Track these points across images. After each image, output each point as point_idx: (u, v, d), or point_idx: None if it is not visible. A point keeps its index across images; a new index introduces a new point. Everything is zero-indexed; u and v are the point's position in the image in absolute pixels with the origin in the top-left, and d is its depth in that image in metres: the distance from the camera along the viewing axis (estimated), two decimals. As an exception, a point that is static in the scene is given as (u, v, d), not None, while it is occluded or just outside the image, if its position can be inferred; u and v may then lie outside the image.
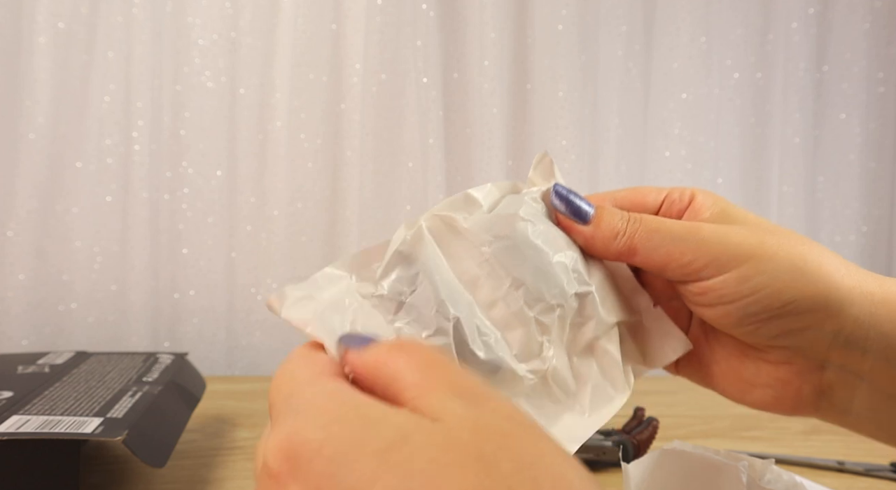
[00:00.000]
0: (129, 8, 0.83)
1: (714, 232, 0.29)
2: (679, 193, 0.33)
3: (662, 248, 0.29)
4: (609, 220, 0.30)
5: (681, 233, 0.29)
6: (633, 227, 0.30)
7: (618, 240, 0.30)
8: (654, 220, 0.30)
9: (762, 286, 0.28)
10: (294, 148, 0.87)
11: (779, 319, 0.29)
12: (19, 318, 0.82)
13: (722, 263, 0.28)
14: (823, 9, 0.96)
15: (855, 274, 0.29)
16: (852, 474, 0.54)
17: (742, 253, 0.28)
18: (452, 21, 0.90)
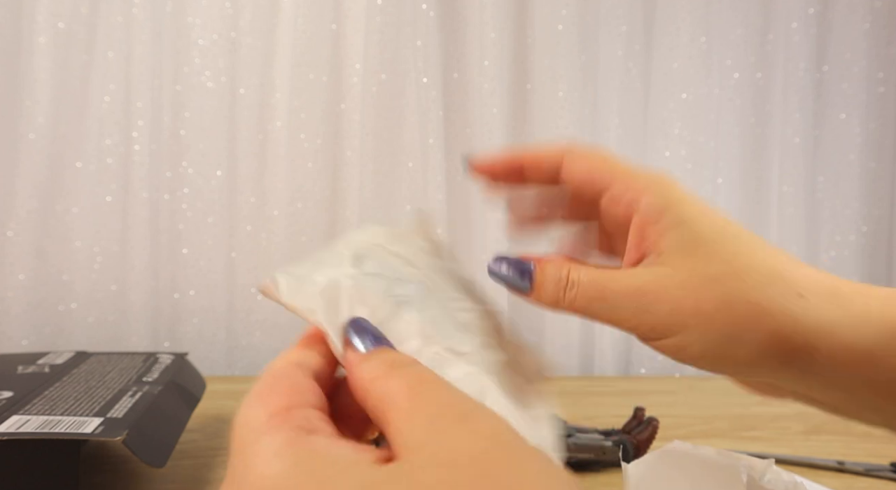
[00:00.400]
0: (129, 8, 0.83)
1: (649, 294, 0.28)
2: (622, 192, 0.30)
3: (602, 316, 0.29)
4: (546, 288, 0.29)
5: (617, 300, 0.28)
6: (570, 296, 0.29)
7: (560, 307, 0.29)
8: (590, 285, 0.29)
9: (700, 354, 0.28)
10: (294, 148, 0.87)
11: (732, 375, 0.29)
12: (19, 318, 0.82)
13: (659, 331, 0.28)
14: (823, 9, 0.96)
15: (819, 307, 0.27)
16: (852, 474, 0.54)
17: (676, 323, 0.27)
18: (452, 21, 0.90)
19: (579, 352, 0.92)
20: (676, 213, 0.29)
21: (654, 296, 0.28)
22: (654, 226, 0.29)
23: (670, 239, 0.29)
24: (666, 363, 0.93)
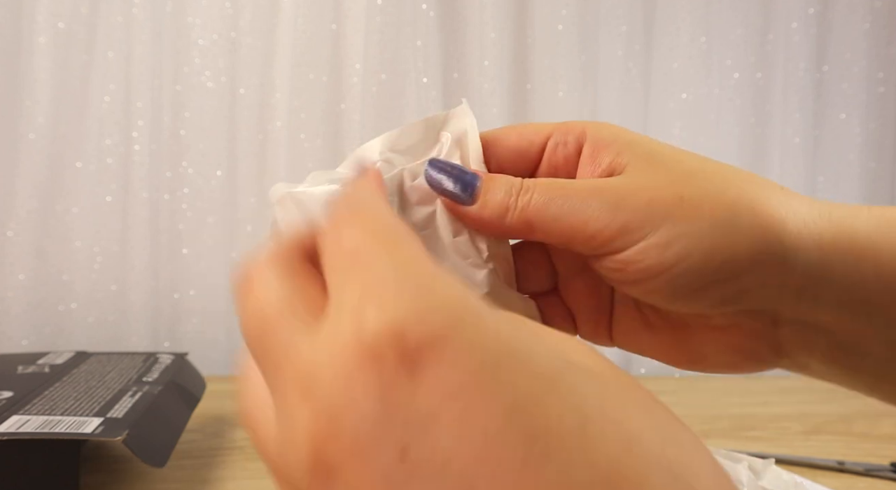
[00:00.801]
0: (129, 8, 0.83)
1: (619, 189, 0.24)
2: (564, 133, 0.27)
3: (562, 219, 0.24)
4: (495, 195, 0.25)
5: (580, 197, 0.24)
6: (524, 201, 0.25)
7: (509, 216, 0.25)
8: (549, 185, 0.25)
9: (687, 252, 0.23)
10: (294, 148, 0.87)
11: (715, 286, 0.24)
12: (19, 318, 0.82)
13: (634, 229, 0.23)
14: (823, 9, 0.96)
15: (799, 211, 0.25)
16: (852, 474, 0.54)
17: (656, 213, 0.23)
18: (452, 21, 0.90)
19: (579, 352, 0.92)
20: (629, 136, 0.27)
21: (626, 190, 0.24)
22: (607, 149, 0.26)
23: (628, 155, 0.26)
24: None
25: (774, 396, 0.77)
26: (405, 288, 0.15)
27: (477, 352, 0.14)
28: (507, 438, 0.13)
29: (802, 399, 0.76)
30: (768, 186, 0.26)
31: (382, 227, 0.17)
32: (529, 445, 0.13)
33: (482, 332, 0.14)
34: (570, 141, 0.27)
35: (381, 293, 0.15)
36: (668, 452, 0.14)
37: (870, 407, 0.73)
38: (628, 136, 0.26)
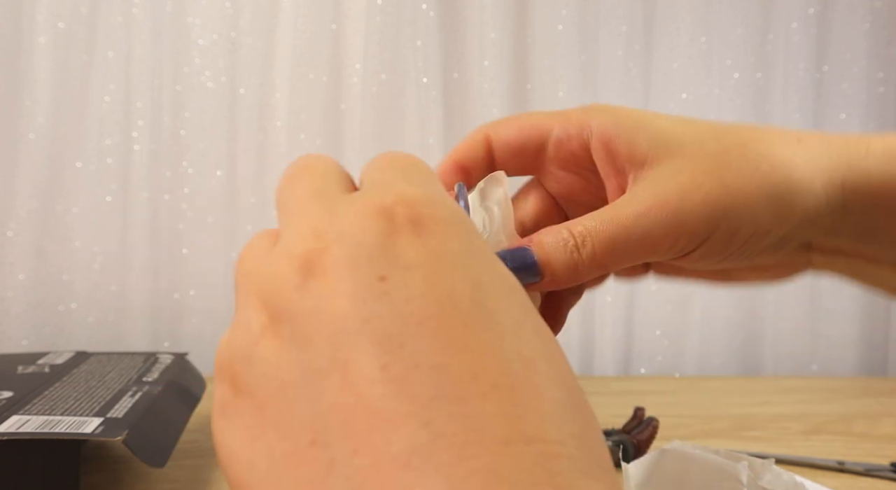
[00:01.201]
0: (129, 8, 0.83)
1: (669, 200, 0.26)
2: (566, 128, 0.28)
3: (630, 250, 0.26)
4: (558, 260, 0.26)
5: (638, 225, 0.26)
6: (587, 253, 0.26)
7: (581, 271, 0.26)
8: (602, 226, 0.26)
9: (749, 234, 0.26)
10: (294, 148, 0.87)
11: (765, 249, 0.28)
12: (19, 318, 0.82)
13: (700, 231, 0.26)
14: (823, 9, 0.96)
15: (821, 164, 0.27)
16: (852, 474, 0.54)
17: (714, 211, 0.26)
18: (452, 21, 0.90)
19: (579, 351, 0.92)
20: (632, 119, 0.27)
21: (675, 197, 0.25)
22: (616, 139, 0.27)
23: (642, 143, 0.27)
24: (666, 363, 0.93)
25: (774, 396, 0.77)
26: (423, 181, 0.19)
27: (466, 240, 0.18)
28: (465, 300, 0.16)
29: (802, 399, 0.76)
30: (787, 142, 0.27)
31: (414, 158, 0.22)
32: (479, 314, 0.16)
33: (473, 233, 0.18)
34: (573, 135, 0.28)
35: (406, 180, 0.19)
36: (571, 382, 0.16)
37: (870, 407, 0.73)
38: (632, 121, 0.27)
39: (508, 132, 0.29)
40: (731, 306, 0.94)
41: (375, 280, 0.16)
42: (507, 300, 0.17)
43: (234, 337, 0.18)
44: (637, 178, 0.27)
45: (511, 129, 0.29)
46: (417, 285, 0.16)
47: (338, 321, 0.16)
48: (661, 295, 0.92)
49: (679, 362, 0.93)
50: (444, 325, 0.15)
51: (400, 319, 0.16)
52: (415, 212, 0.17)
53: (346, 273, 0.16)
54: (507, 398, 0.15)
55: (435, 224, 0.17)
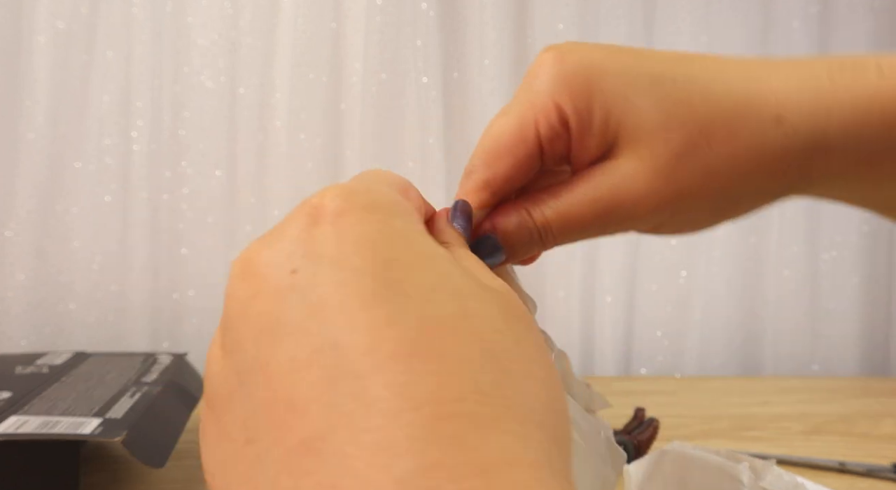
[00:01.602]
0: (129, 8, 0.83)
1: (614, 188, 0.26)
2: (547, 122, 0.26)
3: (592, 235, 0.27)
4: (521, 246, 0.27)
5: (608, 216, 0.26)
6: (550, 240, 0.27)
7: (540, 251, 0.27)
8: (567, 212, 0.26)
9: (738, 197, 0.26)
10: (294, 148, 0.87)
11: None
12: (19, 318, 0.82)
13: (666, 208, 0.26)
14: (824, 8, 0.96)
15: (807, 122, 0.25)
16: (853, 475, 0.54)
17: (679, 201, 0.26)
18: (452, 21, 0.90)
19: (579, 351, 0.92)
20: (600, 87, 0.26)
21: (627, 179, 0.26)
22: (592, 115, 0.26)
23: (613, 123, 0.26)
24: (666, 363, 0.93)
25: (774, 396, 0.77)
26: (365, 180, 0.21)
27: (382, 220, 0.18)
28: (365, 279, 0.17)
29: (802, 399, 0.76)
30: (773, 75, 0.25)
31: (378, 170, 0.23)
32: (378, 290, 0.16)
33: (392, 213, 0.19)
34: (555, 124, 0.26)
35: (349, 182, 0.21)
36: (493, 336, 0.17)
37: (871, 407, 0.73)
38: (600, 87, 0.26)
39: (502, 165, 0.27)
40: (731, 306, 0.94)
41: (288, 274, 0.17)
42: (418, 270, 0.17)
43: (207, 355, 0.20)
44: (606, 159, 0.26)
45: (502, 162, 0.27)
46: (324, 273, 0.17)
47: (257, 321, 0.17)
48: (661, 295, 0.92)
49: (679, 362, 0.93)
50: (345, 305, 0.16)
51: (306, 309, 0.16)
52: (335, 204, 0.19)
53: (266, 272, 0.18)
54: (402, 368, 0.15)
55: (351, 211, 0.18)
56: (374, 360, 0.15)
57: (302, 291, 0.17)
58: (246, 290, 0.18)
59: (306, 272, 0.17)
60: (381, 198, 0.20)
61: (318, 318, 0.16)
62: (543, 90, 0.27)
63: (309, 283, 0.17)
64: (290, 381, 0.15)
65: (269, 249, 0.18)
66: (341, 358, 0.15)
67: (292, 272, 0.17)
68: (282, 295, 0.17)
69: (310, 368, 0.15)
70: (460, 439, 0.14)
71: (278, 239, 0.18)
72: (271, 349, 0.16)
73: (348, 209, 0.18)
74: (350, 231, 0.18)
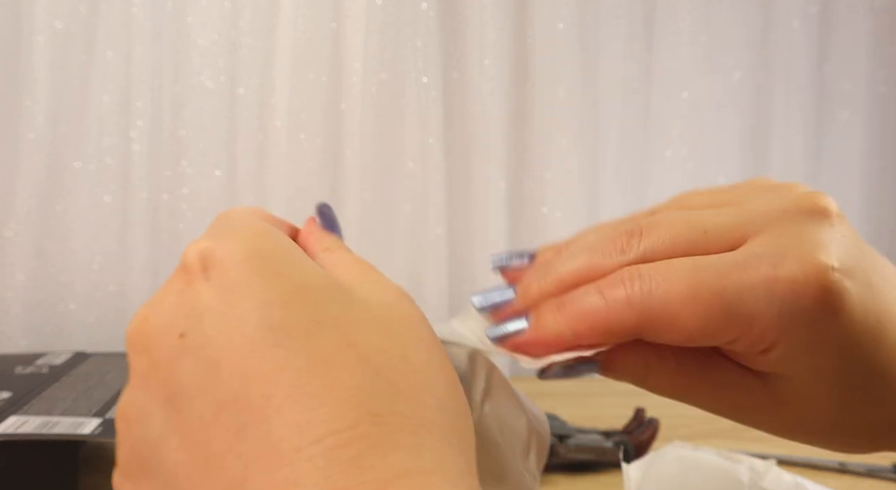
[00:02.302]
0: (129, 8, 0.83)
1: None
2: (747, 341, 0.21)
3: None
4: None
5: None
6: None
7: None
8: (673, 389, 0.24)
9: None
10: (294, 148, 0.87)
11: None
12: (19, 318, 0.82)
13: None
14: (824, 8, 0.96)
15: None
16: (854, 475, 0.54)
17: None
18: (452, 21, 0.90)
19: (580, 352, 0.92)
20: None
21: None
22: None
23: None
24: (666, 363, 0.93)
25: (775, 397, 0.77)
26: (227, 227, 0.21)
27: (253, 262, 0.19)
28: (249, 327, 0.17)
29: (803, 399, 0.75)
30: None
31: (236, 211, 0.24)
32: (264, 335, 0.17)
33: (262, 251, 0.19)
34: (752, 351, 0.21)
35: (209, 233, 0.21)
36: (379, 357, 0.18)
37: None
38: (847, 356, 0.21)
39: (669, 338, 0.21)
40: (731, 306, 0.94)
41: (177, 339, 0.18)
42: (295, 307, 0.18)
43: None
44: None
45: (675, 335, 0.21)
46: (209, 330, 0.18)
47: (160, 391, 0.18)
48: (661, 295, 0.92)
49: (679, 363, 0.92)
50: (237, 357, 0.17)
51: (202, 369, 0.17)
52: (202, 258, 0.19)
53: (157, 341, 0.18)
54: (299, 407, 0.16)
55: (219, 261, 0.19)
56: (274, 405, 0.16)
57: (193, 352, 0.18)
58: (142, 363, 0.19)
59: (193, 333, 0.18)
60: (241, 234, 0.20)
61: (214, 376, 0.17)
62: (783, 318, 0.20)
63: (198, 344, 0.18)
64: (204, 438, 0.17)
65: (154, 318, 0.19)
66: (244, 408, 0.16)
67: (180, 336, 0.18)
68: (176, 361, 0.18)
69: (217, 423, 0.16)
70: (359, 462, 0.15)
71: (160, 305, 0.19)
72: (178, 413, 0.17)
73: (215, 260, 0.19)
74: (224, 281, 0.18)
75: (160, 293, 0.20)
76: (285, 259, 0.20)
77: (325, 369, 0.17)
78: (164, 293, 0.20)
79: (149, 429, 0.18)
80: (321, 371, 0.17)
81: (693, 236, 0.21)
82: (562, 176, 0.91)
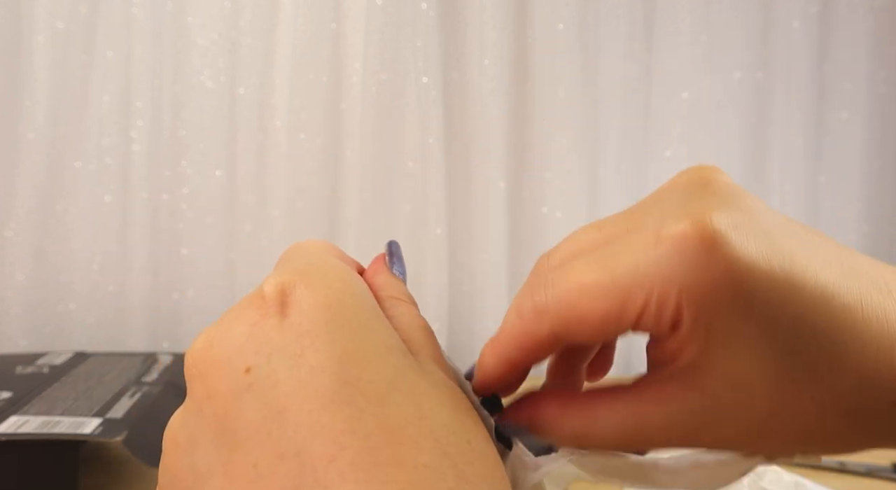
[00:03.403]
0: (129, 8, 0.83)
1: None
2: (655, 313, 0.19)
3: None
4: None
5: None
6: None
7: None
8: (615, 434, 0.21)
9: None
10: (294, 148, 0.87)
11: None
12: (19, 318, 0.82)
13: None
14: (824, 8, 0.96)
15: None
16: (853, 475, 0.54)
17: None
18: (452, 21, 0.90)
19: (579, 352, 0.92)
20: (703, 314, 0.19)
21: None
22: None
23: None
24: (666, 363, 0.93)
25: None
26: (308, 262, 0.20)
27: (335, 309, 0.18)
28: (324, 378, 0.16)
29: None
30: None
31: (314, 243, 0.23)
32: (339, 389, 0.16)
33: (345, 301, 0.18)
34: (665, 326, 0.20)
35: (289, 265, 0.20)
36: (448, 438, 0.17)
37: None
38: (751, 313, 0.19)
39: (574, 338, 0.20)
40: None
41: (242, 373, 0.17)
42: (374, 366, 0.17)
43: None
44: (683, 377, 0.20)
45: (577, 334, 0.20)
46: (280, 371, 0.17)
47: (215, 422, 0.17)
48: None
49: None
50: (305, 408, 0.16)
51: (265, 411, 0.16)
52: (283, 293, 0.18)
53: (219, 371, 0.17)
54: (364, 476, 0.15)
55: (300, 301, 0.18)
56: (338, 469, 0.15)
57: (259, 391, 0.17)
58: (200, 390, 0.18)
59: (261, 370, 0.17)
60: (325, 282, 0.19)
61: (278, 422, 0.16)
62: (674, 277, 0.19)
63: (265, 383, 0.17)
64: (255, 488, 0.16)
65: (220, 344, 0.18)
66: (305, 466, 0.15)
67: (246, 371, 0.17)
68: (237, 395, 0.17)
69: (274, 476, 0.15)
70: None
71: (228, 331, 0.18)
72: (231, 452, 0.16)
73: (294, 299, 0.18)
74: (301, 324, 0.17)
75: (229, 318, 0.18)
76: (368, 314, 0.19)
77: (396, 441, 0.16)
78: (233, 320, 0.18)
79: (196, 459, 0.17)
80: (392, 441, 0.16)
81: (591, 235, 0.22)
82: (562, 176, 0.91)
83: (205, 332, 0.19)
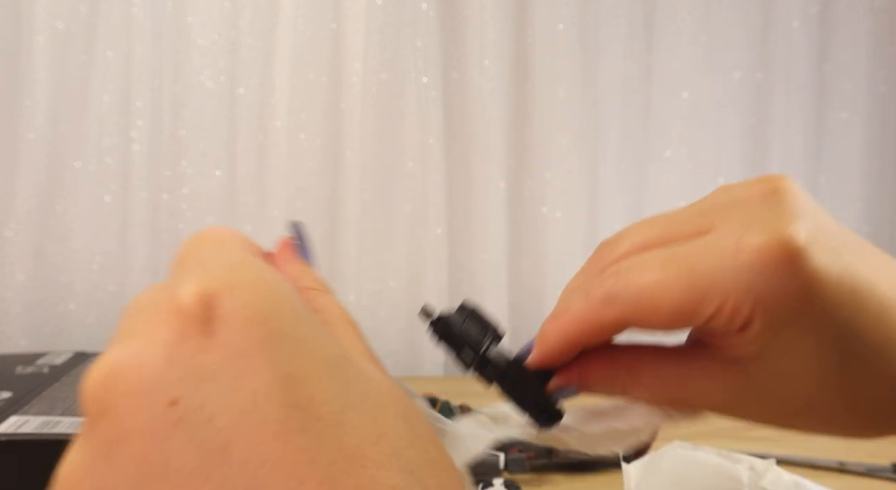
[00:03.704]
0: (129, 8, 0.83)
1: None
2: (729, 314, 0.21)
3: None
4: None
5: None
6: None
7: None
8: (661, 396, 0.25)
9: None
10: (294, 148, 0.87)
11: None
12: (19, 318, 0.82)
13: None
14: (824, 8, 0.96)
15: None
16: (853, 475, 0.54)
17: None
18: (452, 21, 0.90)
19: (579, 352, 0.92)
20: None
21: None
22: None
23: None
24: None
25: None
26: (224, 263, 0.17)
27: (270, 324, 0.15)
28: (271, 404, 0.14)
29: (803, 399, 0.76)
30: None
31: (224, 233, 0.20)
32: (290, 415, 0.14)
33: (281, 312, 0.16)
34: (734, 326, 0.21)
35: (202, 267, 0.17)
36: (409, 453, 0.15)
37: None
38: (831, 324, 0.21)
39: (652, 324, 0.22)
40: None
41: (165, 407, 0.14)
42: (323, 384, 0.15)
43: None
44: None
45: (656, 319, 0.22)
46: (215, 400, 0.14)
47: (132, 469, 0.14)
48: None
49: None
50: (253, 440, 0.14)
51: (202, 450, 0.14)
52: (207, 307, 0.15)
53: (133, 405, 0.14)
54: None
55: (228, 316, 0.15)
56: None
57: (190, 427, 0.14)
58: (109, 431, 0.14)
59: (190, 402, 0.14)
60: (251, 282, 0.16)
61: (220, 462, 0.13)
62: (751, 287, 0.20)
63: (198, 417, 0.14)
64: None
65: (132, 372, 0.14)
66: None
67: (171, 403, 0.14)
68: (162, 434, 0.14)
69: None
70: None
71: (140, 358, 0.15)
72: None
73: (222, 313, 0.15)
74: (233, 342, 0.15)
75: (137, 339, 0.15)
76: (304, 322, 0.16)
77: (360, 464, 0.14)
78: (144, 340, 0.15)
79: None
80: (356, 466, 0.14)
81: (659, 230, 0.23)
82: (562, 176, 0.91)
83: (105, 356, 0.15)
